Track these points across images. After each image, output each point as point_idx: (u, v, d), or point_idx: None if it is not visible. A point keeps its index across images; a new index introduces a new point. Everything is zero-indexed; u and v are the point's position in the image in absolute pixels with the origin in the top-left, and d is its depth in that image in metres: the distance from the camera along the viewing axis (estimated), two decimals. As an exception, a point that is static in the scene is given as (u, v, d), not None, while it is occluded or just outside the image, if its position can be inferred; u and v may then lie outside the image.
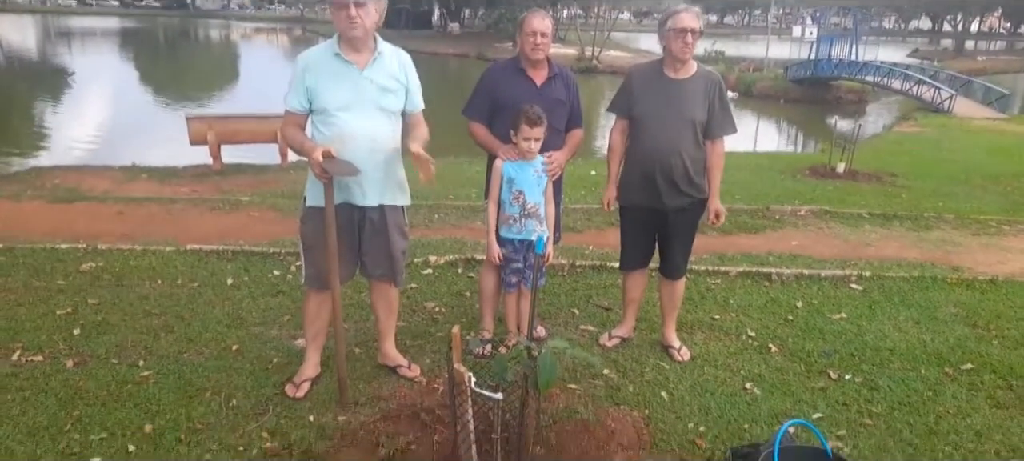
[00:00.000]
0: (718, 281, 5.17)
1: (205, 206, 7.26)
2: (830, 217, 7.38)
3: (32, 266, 5.02)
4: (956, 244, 6.58)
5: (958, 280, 5.35)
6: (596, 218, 6.84)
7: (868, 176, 10.20)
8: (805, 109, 26.37)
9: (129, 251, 5.37)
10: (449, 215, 7.03)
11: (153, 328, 4.12)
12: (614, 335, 4.14)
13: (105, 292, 4.63)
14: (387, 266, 3.45)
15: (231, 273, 5.02)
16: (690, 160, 3.64)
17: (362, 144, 3.16)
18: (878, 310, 4.77)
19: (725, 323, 4.46)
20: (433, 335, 4.15)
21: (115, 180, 8.90)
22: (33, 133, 16.64)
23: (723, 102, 3.68)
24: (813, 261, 5.80)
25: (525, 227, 3.65)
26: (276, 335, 4.09)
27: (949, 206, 8.26)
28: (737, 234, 6.63)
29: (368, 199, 3.28)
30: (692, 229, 3.87)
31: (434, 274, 5.16)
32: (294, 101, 3.18)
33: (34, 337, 3.95)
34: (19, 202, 7.32)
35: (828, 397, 3.61)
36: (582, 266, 5.32)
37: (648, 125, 3.65)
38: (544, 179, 3.67)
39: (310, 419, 3.23)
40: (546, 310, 4.56)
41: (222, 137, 9.85)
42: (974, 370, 3.93)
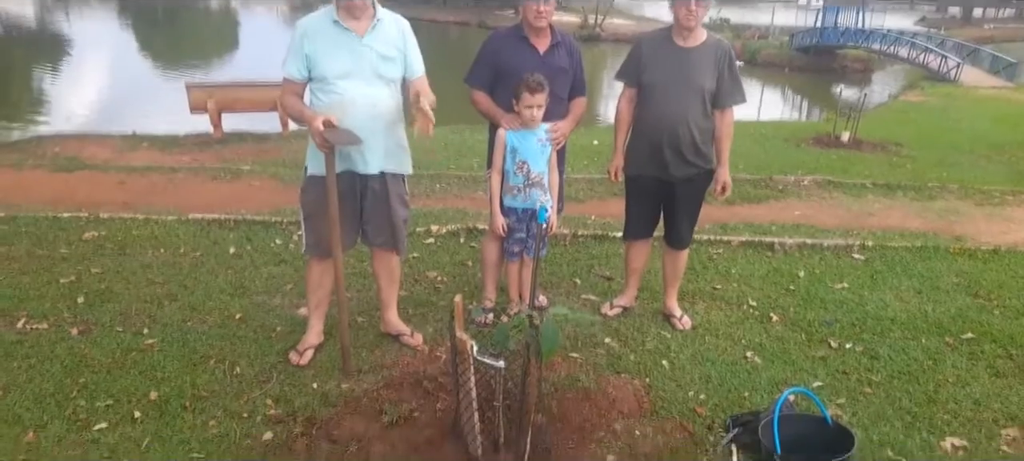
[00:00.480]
0: (720, 251, 5.17)
1: (206, 175, 7.25)
2: (833, 187, 7.35)
3: (34, 235, 5.03)
4: (960, 214, 6.56)
5: (961, 250, 5.34)
6: (598, 188, 6.82)
7: (873, 145, 10.15)
8: (810, 78, 26.18)
9: (131, 220, 5.37)
10: (451, 184, 7.01)
11: (156, 297, 4.14)
12: (616, 304, 4.15)
13: (108, 261, 4.64)
14: (389, 235, 3.45)
15: (233, 242, 5.03)
16: (698, 130, 3.61)
17: (362, 112, 3.14)
18: (880, 280, 4.77)
19: (727, 293, 4.47)
20: (435, 304, 4.17)
21: (116, 149, 8.88)
22: (33, 102, 16.58)
23: (732, 71, 3.64)
24: (816, 231, 5.79)
25: (529, 196, 3.64)
26: (279, 304, 4.11)
27: (953, 176, 8.23)
28: (740, 204, 6.62)
29: (370, 167, 3.27)
30: (699, 200, 3.86)
31: (436, 243, 5.16)
32: (293, 69, 3.16)
33: (38, 305, 3.98)
34: (20, 171, 7.31)
35: (828, 366, 3.62)
36: (584, 236, 5.32)
37: (656, 94, 3.62)
38: (548, 148, 3.65)
39: (313, 386, 3.26)
40: (548, 280, 4.57)
41: (222, 105, 9.80)
42: (974, 339, 3.95)
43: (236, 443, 2.84)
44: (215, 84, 11.20)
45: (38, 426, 2.92)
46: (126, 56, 26.48)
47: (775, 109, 20.13)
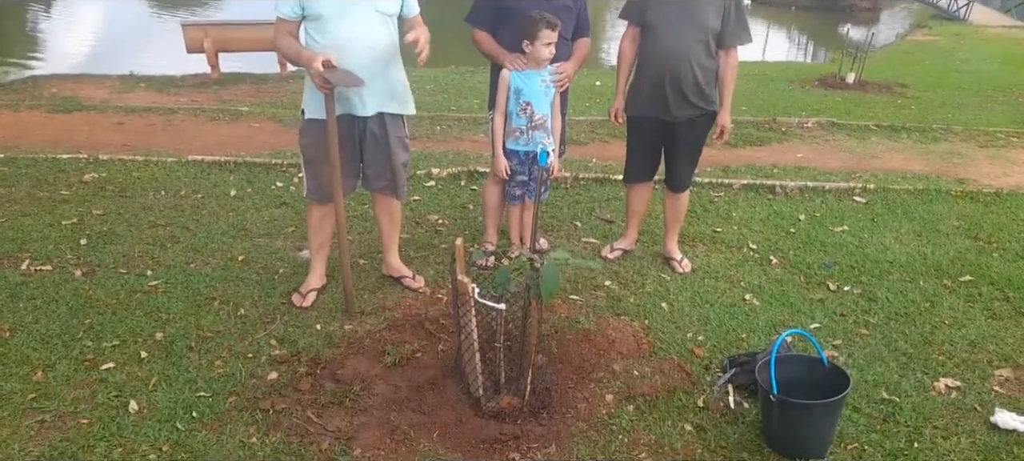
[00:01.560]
0: (721, 194, 5.17)
1: (205, 116, 7.20)
2: (837, 129, 7.30)
3: (35, 177, 5.02)
4: (963, 156, 6.52)
5: (962, 193, 5.33)
6: (600, 130, 6.77)
7: (878, 87, 10.03)
8: (817, 17, 25.70)
9: (131, 162, 5.36)
10: (451, 127, 6.96)
11: (159, 239, 4.16)
12: (616, 247, 4.16)
13: (109, 203, 4.64)
14: (389, 178, 3.44)
15: (234, 185, 5.02)
16: (701, 69, 3.57)
17: (360, 51, 3.09)
18: (880, 223, 4.77)
19: (727, 236, 4.48)
20: (437, 247, 4.18)
21: (113, 89, 8.79)
22: (27, 42, 16.33)
23: (739, 10, 3.58)
24: (818, 173, 5.77)
25: (532, 139, 3.61)
26: (281, 246, 4.13)
27: (958, 117, 8.16)
28: (742, 146, 6.58)
29: (368, 109, 3.23)
30: (700, 142, 3.83)
31: (437, 186, 5.16)
32: (286, 7, 3.09)
33: (41, 247, 3.99)
34: (17, 112, 7.25)
35: (826, 308, 3.66)
36: (585, 179, 5.31)
37: (659, 32, 3.57)
38: (552, 90, 3.60)
39: (317, 328, 3.29)
40: (549, 223, 4.58)
41: (219, 45, 9.65)
42: (972, 282, 3.97)
43: (242, 382, 2.89)
44: (211, 23, 11.02)
45: (46, 366, 2.96)
46: (120, -6, 25.96)
47: (780, 50, 19.81)
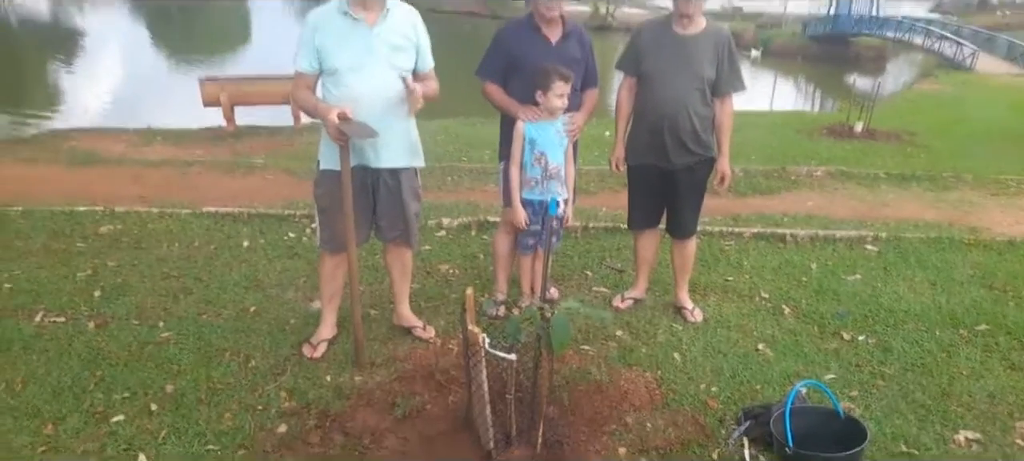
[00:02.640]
0: (732, 243, 5.16)
1: (220, 169, 7.29)
2: (847, 177, 7.30)
3: (51, 229, 5.09)
4: (974, 204, 6.50)
5: (975, 241, 5.30)
6: (609, 179, 6.80)
7: (887, 135, 10.05)
8: (824, 67, 25.98)
9: (146, 214, 5.42)
10: (462, 177, 7.02)
11: (172, 290, 4.18)
12: (627, 297, 4.15)
13: (124, 255, 4.69)
14: (402, 229, 3.46)
15: (247, 236, 5.06)
16: (697, 117, 3.62)
17: (375, 104, 3.14)
18: (893, 271, 4.74)
19: (739, 285, 4.46)
20: (447, 297, 4.18)
21: (131, 143, 8.95)
22: (48, 96, 16.71)
23: (732, 59, 3.65)
24: (829, 222, 5.76)
25: (547, 189, 3.64)
26: (292, 297, 4.14)
27: (968, 166, 8.14)
28: (752, 195, 6.59)
29: (382, 161, 3.28)
30: (701, 188, 3.86)
31: (448, 236, 5.18)
32: (304, 62, 3.17)
33: (56, 299, 4.02)
34: (36, 165, 7.38)
35: (841, 358, 3.61)
36: (595, 228, 5.32)
37: (655, 82, 3.63)
38: (565, 140, 3.64)
39: (327, 379, 3.28)
40: (559, 272, 4.57)
41: (235, 99, 9.84)
42: (989, 332, 3.92)
43: (251, 436, 2.88)
44: (228, 78, 11.24)
45: (57, 419, 2.96)
46: (140, 50, 26.64)
47: (788, 99, 19.97)
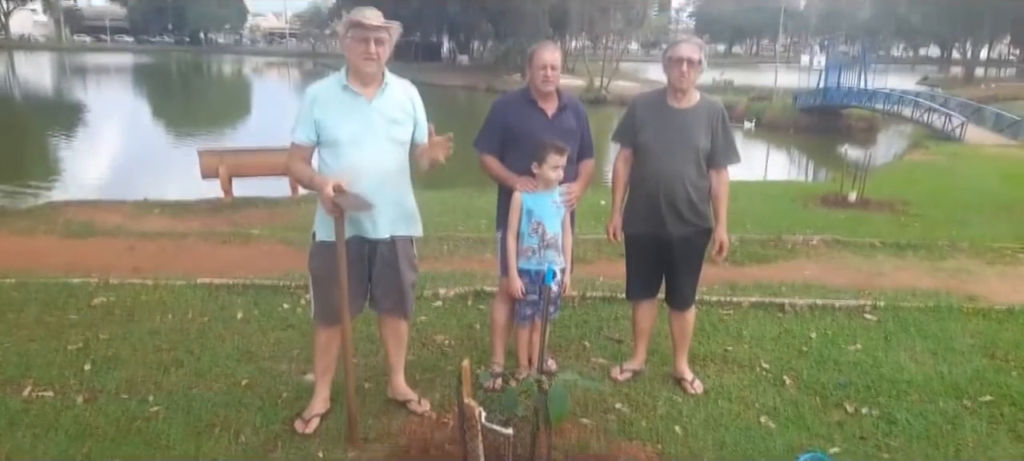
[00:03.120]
0: (730, 312, 5.12)
1: (216, 239, 7.29)
2: (842, 246, 7.32)
3: (44, 301, 5.04)
4: (971, 273, 6.50)
5: (974, 310, 5.27)
6: (606, 248, 6.80)
7: (880, 204, 10.14)
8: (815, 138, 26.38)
9: (141, 285, 5.38)
10: (458, 247, 7.02)
11: (163, 363, 4.12)
12: (626, 368, 4.10)
13: (116, 327, 4.63)
14: (397, 299, 3.44)
15: (241, 307, 5.02)
16: (693, 188, 3.66)
17: (372, 176, 3.17)
18: (894, 341, 4.70)
19: (738, 355, 4.41)
20: (443, 369, 4.12)
21: (128, 215, 8.96)
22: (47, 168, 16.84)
23: (726, 131, 3.71)
24: (827, 291, 5.74)
25: (544, 258, 3.63)
26: (285, 370, 4.07)
27: (963, 234, 8.18)
28: (749, 264, 6.59)
29: (380, 231, 3.28)
30: (698, 258, 3.85)
31: (444, 307, 5.14)
32: (301, 134, 3.20)
33: (45, 372, 3.95)
34: (32, 237, 7.38)
35: (845, 431, 3.54)
36: (593, 297, 5.29)
37: (652, 153, 3.67)
38: (562, 209, 3.66)
39: (319, 455, 3.20)
40: (557, 343, 4.52)
41: (233, 170, 9.93)
42: (993, 402, 3.86)
43: (240, 514, 2.78)
44: (226, 150, 11.37)
45: (40, 497, 2.87)
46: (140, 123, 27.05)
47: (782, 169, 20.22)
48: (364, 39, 3.09)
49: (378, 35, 3.11)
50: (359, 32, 3.10)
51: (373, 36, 3.09)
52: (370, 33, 3.09)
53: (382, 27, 3.12)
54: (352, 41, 3.13)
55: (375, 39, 3.10)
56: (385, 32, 3.14)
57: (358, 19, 3.10)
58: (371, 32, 3.09)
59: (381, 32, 3.12)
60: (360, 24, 3.09)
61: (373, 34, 3.09)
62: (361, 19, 3.09)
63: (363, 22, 3.08)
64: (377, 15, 3.13)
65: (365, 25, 3.08)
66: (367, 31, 3.09)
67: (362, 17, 3.10)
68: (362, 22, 3.09)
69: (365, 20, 3.09)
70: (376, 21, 3.11)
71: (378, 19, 3.12)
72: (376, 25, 3.10)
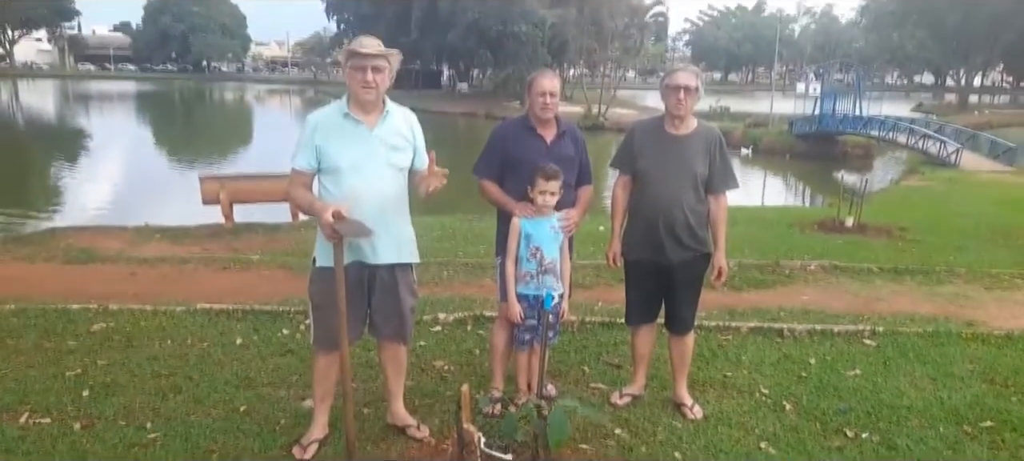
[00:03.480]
0: (729, 337, 5.13)
1: (216, 265, 7.30)
2: (840, 272, 7.33)
3: (43, 327, 5.04)
4: (969, 298, 6.51)
5: (973, 335, 5.28)
6: (605, 274, 6.82)
7: (877, 230, 10.17)
8: (811, 164, 26.51)
9: (140, 311, 5.38)
10: (458, 272, 7.03)
11: (161, 389, 4.11)
12: (625, 393, 4.09)
13: (115, 353, 4.63)
14: (396, 325, 3.44)
15: (240, 333, 5.02)
16: (693, 213, 3.69)
17: (372, 202, 3.19)
18: (893, 366, 4.70)
19: (737, 380, 4.41)
20: (442, 394, 4.11)
21: (128, 240, 8.97)
22: (49, 194, 16.89)
23: (723, 157, 3.76)
24: (825, 316, 5.75)
25: (543, 283, 3.65)
26: (284, 396, 4.06)
27: (960, 260, 8.20)
28: (747, 289, 6.60)
29: (379, 257, 3.30)
30: (697, 283, 3.87)
31: (443, 332, 5.14)
32: (302, 160, 3.23)
33: (43, 399, 3.94)
34: (33, 263, 7.38)
35: (845, 456, 3.54)
36: (592, 323, 5.30)
37: (650, 179, 3.71)
38: (560, 235, 3.69)
39: (318, 482, 3.19)
40: (556, 368, 4.52)
41: (234, 196, 9.95)
42: (994, 428, 3.85)
43: (238, 542, 2.76)
44: (227, 176, 11.41)
45: (36, 525, 2.85)
46: (142, 149, 27.18)
47: (778, 195, 20.31)
48: (362, 68, 3.14)
49: (375, 63, 3.15)
50: (357, 61, 3.15)
51: (370, 65, 3.14)
52: (367, 62, 3.14)
53: (379, 55, 3.17)
54: (351, 70, 3.18)
55: (372, 67, 3.14)
56: (383, 60, 3.18)
57: (355, 48, 3.15)
58: (368, 61, 3.14)
59: (378, 60, 3.16)
60: (357, 53, 3.14)
61: (370, 62, 3.14)
62: (358, 48, 3.15)
63: (359, 51, 3.13)
64: (375, 44, 3.18)
65: (362, 54, 3.13)
66: (364, 60, 3.14)
67: (359, 46, 3.15)
68: (358, 51, 3.14)
69: (362, 49, 3.14)
70: (373, 50, 3.15)
71: (375, 48, 3.16)
72: (373, 53, 3.15)
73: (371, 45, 3.16)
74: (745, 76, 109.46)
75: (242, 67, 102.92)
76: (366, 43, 3.16)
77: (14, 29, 77.44)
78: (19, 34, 79.70)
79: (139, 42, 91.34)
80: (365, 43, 3.16)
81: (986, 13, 45.29)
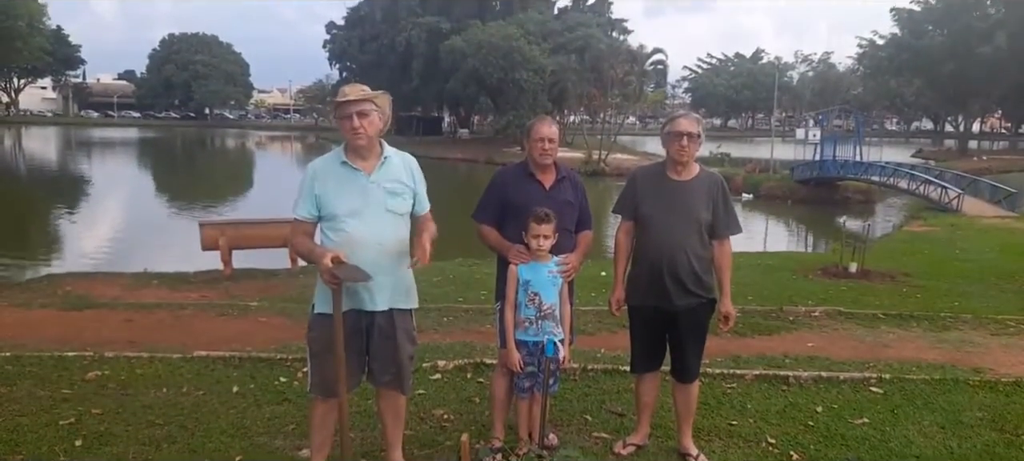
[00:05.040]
0: (734, 385, 5.04)
1: (214, 311, 7.25)
2: (845, 318, 7.27)
3: (37, 375, 4.97)
4: (976, 344, 6.43)
5: (981, 382, 5.19)
6: (607, 320, 6.75)
7: (881, 275, 10.12)
8: (813, 209, 26.56)
9: (136, 359, 5.31)
10: (458, 318, 6.97)
11: (155, 439, 4.03)
12: (628, 443, 4.00)
13: (109, 401, 4.55)
14: (394, 373, 3.38)
15: (237, 380, 4.94)
16: (696, 259, 3.65)
17: (370, 249, 3.18)
18: (901, 414, 4.61)
19: (743, 430, 4.32)
20: (442, 443, 4.03)
21: (126, 286, 8.94)
22: (48, 241, 16.90)
23: (727, 203, 3.74)
24: (831, 363, 5.67)
25: (541, 329, 3.60)
26: (281, 445, 3.98)
27: (966, 305, 8.14)
28: (751, 336, 6.53)
29: (377, 304, 3.26)
30: (702, 330, 3.82)
31: (443, 379, 5.07)
32: (303, 209, 3.23)
33: (35, 449, 3.86)
34: (30, 310, 7.34)
35: (855, 508, 3.44)
36: (594, 370, 5.22)
37: (653, 225, 3.69)
38: (559, 280, 3.65)
39: (313, 535, 3.09)
40: (558, 416, 4.43)
41: (233, 242, 9.95)
42: (1007, 478, 3.76)
43: None
44: (227, 221, 11.43)
45: None
46: (143, 196, 27.28)
47: (781, 240, 20.27)
48: (347, 116, 3.15)
49: (360, 109, 3.16)
50: (342, 110, 3.17)
51: (354, 110, 3.15)
52: (351, 108, 3.15)
53: (362, 100, 3.17)
54: (339, 120, 3.20)
55: (358, 113, 3.15)
56: (368, 104, 3.19)
57: (338, 99, 3.18)
58: (351, 107, 3.15)
59: (363, 105, 3.17)
60: (340, 102, 3.17)
61: (354, 109, 3.15)
62: (339, 98, 3.17)
63: (341, 100, 3.16)
64: (358, 90, 3.21)
65: (344, 102, 3.15)
66: (348, 107, 3.16)
67: (341, 96, 3.18)
68: (340, 101, 3.16)
69: (343, 97, 3.16)
70: (355, 96, 3.17)
71: (358, 93, 3.18)
72: (354, 100, 3.16)
73: (353, 92, 3.19)
74: (745, 122, 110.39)
75: (244, 113, 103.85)
76: (347, 91, 3.19)
77: (20, 78, 78.46)
78: (24, 82, 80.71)
79: (143, 89, 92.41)
80: (346, 91, 3.19)
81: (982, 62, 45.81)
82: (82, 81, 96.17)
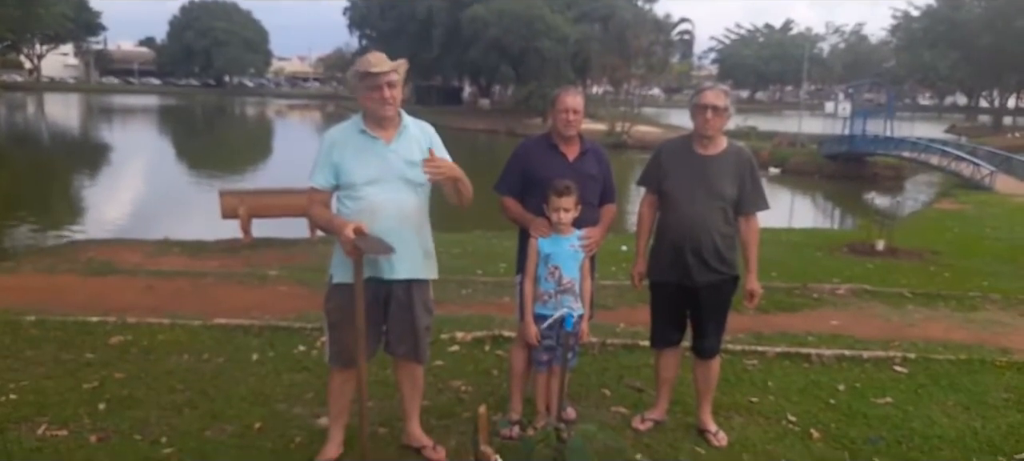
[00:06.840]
0: (755, 362, 4.99)
1: (233, 280, 7.30)
2: (871, 296, 7.15)
3: (61, 339, 5.04)
4: (1004, 325, 6.30)
5: (1008, 363, 5.09)
6: (628, 295, 6.70)
7: (909, 254, 9.94)
8: (841, 185, 26.18)
9: (157, 325, 5.37)
10: (477, 290, 6.96)
11: (177, 404, 4.07)
12: (647, 417, 3.98)
13: (132, 366, 4.61)
14: (411, 343, 3.37)
15: (257, 348, 4.98)
16: (720, 236, 3.59)
17: (390, 218, 3.15)
18: (925, 394, 4.54)
19: (763, 406, 4.28)
20: (459, 415, 4.03)
21: (147, 253, 9.04)
22: (71, 207, 17.13)
23: (755, 178, 3.65)
24: (854, 341, 5.58)
25: (561, 303, 3.57)
26: (299, 413, 4.01)
27: (995, 285, 7.97)
28: (774, 312, 6.45)
29: (396, 273, 3.24)
30: (725, 307, 3.77)
31: (461, 351, 5.06)
32: (320, 178, 3.20)
33: (60, 411, 3.93)
34: (53, 275, 7.45)
35: (877, 489, 3.39)
36: (614, 345, 5.19)
37: (677, 200, 3.62)
38: (580, 254, 3.61)
39: (330, 503, 3.11)
40: (576, 390, 4.42)
41: (253, 211, 9.99)
42: (1033, 461, 3.69)
43: None
44: (247, 191, 11.48)
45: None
46: (164, 164, 27.53)
47: (807, 216, 20.00)
48: (378, 87, 3.10)
49: (389, 79, 3.12)
50: (371, 80, 3.11)
51: (385, 81, 3.10)
52: (382, 79, 3.10)
53: (392, 70, 3.13)
54: (366, 90, 3.14)
55: (387, 83, 3.11)
56: (395, 74, 3.14)
57: (366, 69, 3.11)
58: (382, 78, 3.10)
59: (392, 75, 3.13)
60: (370, 73, 3.10)
61: (385, 79, 3.11)
62: (369, 68, 3.11)
63: (372, 71, 3.10)
64: (383, 59, 3.15)
65: (375, 73, 3.09)
66: (379, 78, 3.10)
67: (369, 66, 3.11)
68: (371, 71, 3.10)
69: (374, 68, 3.10)
70: (384, 66, 3.11)
71: (385, 63, 3.13)
72: (385, 70, 3.11)
73: (381, 62, 3.13)
74: (773, 95, 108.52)
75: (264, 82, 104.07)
76: (375, 61, 3.13)
77: (42, 44, 79.18)
78: (47, 49, 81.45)
79: (163, 56, 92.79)
80: (374, 61, 3.13)
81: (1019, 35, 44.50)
82: (103, 48, 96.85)
